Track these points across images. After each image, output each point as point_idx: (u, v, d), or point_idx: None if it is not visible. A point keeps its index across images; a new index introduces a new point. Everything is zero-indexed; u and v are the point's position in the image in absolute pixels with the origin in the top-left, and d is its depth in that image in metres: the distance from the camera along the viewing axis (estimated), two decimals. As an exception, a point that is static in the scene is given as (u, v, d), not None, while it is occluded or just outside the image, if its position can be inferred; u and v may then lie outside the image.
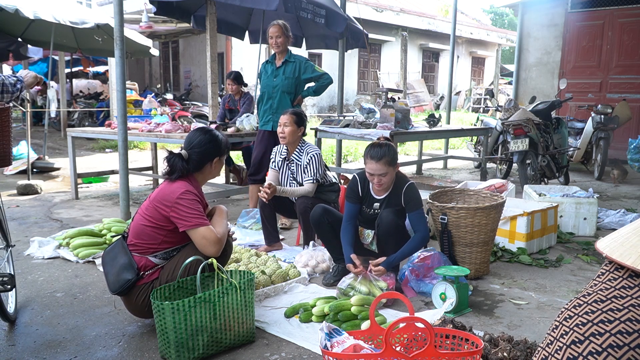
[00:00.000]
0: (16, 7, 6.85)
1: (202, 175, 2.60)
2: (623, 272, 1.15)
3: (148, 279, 2.42)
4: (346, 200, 3.20)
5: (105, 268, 2.50)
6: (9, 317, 2.56)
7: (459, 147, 10.97)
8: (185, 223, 2.38)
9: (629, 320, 1.06)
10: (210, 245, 2.39)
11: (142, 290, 2.41)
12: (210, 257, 2.39)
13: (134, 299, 2.42)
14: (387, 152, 2.99)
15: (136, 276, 2.38)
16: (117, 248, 2.52)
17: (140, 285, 2.41)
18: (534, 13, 9.66)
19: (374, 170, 2.99)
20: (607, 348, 1.05)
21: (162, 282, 2.41)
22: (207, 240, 2.38)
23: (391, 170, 3.03)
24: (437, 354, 1.78)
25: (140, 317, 2.55)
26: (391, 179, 3.08)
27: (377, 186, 3.08)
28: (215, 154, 2.59)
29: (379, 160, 2.97)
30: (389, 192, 3.16)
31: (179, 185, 2.45)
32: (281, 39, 4.56)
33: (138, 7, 13.67)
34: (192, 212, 2.37)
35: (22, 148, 7.48)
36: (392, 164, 3.01)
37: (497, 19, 36.79)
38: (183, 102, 14.33)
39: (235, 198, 5.91)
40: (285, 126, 3.81)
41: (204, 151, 2.56)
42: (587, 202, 4.37)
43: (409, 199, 3.08)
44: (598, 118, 7.04)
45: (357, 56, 18.78)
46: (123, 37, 4.28)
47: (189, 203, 2.39)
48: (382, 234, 3.06)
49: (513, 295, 3.06)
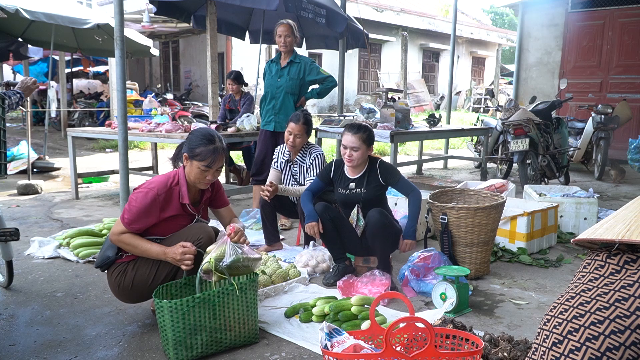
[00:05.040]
0: (16, 7, 6.85)
1: (187, 170, 2.56)
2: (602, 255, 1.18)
3: (126, 260, 2.52)
4: (316, 176, 3.41)
5: (102, 246, 2.66)
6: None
7: (459, 147, 10.96)
8: (125, 206, 2.51)
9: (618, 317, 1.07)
10: (110, 236, 2.51)
11: (118, 268, 2.52)
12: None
13: (110, 274, 2.54)
14: (364, 130, 3.19)
15: (115, 255, 2.52)
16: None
17: (118, 263, 2.52)
18: (534, 13, 9.66)
19: (347, 142, 3.16)
20: (606, 351, 1.06)
21: (138, 266, 2.50)
22: (112, 229, 2.48)
23: (364, 148, 3.16)
24: (438, 354, 1.78)
25: (115, 296, 2.61)
26: (362, 157, 3.19)
27: (347, 160, 3.19)
28: (185, 149, 2.55)
29: (354, 133, 3.15)
30: (363, 172, 3.27)
31: (152, 180, 2.55)
32: (290, 39, 4.55)
33: (138, 7, 13.68)
34: (128, 206, 2.46)
35: (23, 148, 7.47)
36: (365, 141, 3.16)
37: (497, 19, 36.78)
38: (183, 102, 14.32)
39: (235, 198, 5.91)
40: (297, 137, 3.80)
41: (180, 145, 2.66)
42: (587, 202, 4.37)
43: (386, 174, 3.24)
44: (598, 118, 7.04)
45: (358, 56, 18.77)
46: (123, 37, 4.28)
47: (134, 200, 2.45)
48: (372, 235, 3.10)
49: (513, 295, 3.06)
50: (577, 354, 1.09)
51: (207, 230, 2.52)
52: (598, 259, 1.20)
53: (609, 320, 1.07)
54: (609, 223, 1.18)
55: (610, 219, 1.20)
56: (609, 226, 1.17)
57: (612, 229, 1.15)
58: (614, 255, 1.16)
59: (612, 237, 1.12)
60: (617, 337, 1.05)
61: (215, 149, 2.51)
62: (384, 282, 2.97)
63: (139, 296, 2.56)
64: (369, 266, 3.33)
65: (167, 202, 2.49)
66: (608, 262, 1.17)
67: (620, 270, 1.13)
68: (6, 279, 3.07)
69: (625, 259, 1.14)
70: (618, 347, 1.04)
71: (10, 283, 3.08)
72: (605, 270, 1.16)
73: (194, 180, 2.55)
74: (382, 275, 3.02)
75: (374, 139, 3.30)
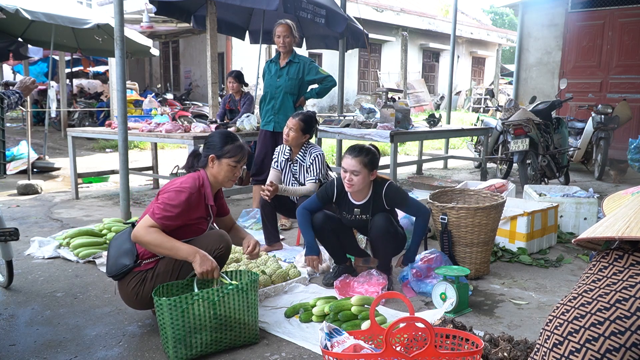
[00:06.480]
0: (16, 7, 6.85)
1: (210, 173, 2.60)
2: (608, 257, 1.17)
3: (144, 268, 2.45)
4: (315, 195, 3.20)
5: (109, 251, 2.56)
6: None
7: (459, 147, 10.96)
8: (149, 208, 2.45)
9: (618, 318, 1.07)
10: (135, 231, 2.39)
11: (135, 277, 2.45)
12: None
13: (126, 284, 2.46)
14: (366, 153, 2.97)
15: (134, 263, 2.43)
16: (125, 235, 2.56)
17: (136, 272, 2.45)
18: (534, 13, 9.65)
19: (347, 165, 2.96)
20: (606, 353, 1.06)
21: (157, 274, 2.44)
22: (138, 226, 2.39)
23: (365, 172, 2.95)
24: (438, 354, 1.78)
25: (129, 305, 2.56)
26: (363, 182, 2.98)
27: (347, 185, 3.00)
28: (209, 151, 2.60)
29: (355, 157, 2.94)
30: (368, 197, 3.09)
31: (183, 180, 2.51)
32: (289, 39, 4.54)
33: (138, 7, 13.66)
34: (162, 204, 2.40)
35: (23, 148, 7.48)
36: (367, 165, 2.95)
37: (497, 19, 36.78)
38: (183, 102, 14.32)
39: (235, 198, 5.91)
40: (291, 131, 3.80)
41: (204, 147, 2.67)
42: (587, 202, 4.37)
43: (392, 200, 3.06)
44: (598, 118, 7.04)
45: (358, 56, 18.77)
46: (123, 37, 4.28)
47: (169, 197, 2.42)
48: (374, 239, 3.08)
49: (513, 295, 3.06)
50: (577, 355, 1.08)
51: (226, 239, 2.56)
52: (604, 260, 1.19)
53: (609, 321, 1.07)
54: (609, 221, 1.18)
55: (610, 217, 1.20)
56: (608, 224, 1.17)
57: (611, 226, 1.15)
58: (620, 258, 1.16)
59: (611, 234, 1.12)
60: (617, 339, 1.04)
61: (241, 145, 2.63)
62: (380, 282, 2.97)
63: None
64: (369, 266, 3.32)
65: (197, 203, 2.51)
66: (613, 264, 1.16)
67: (623, 271, 1.13)
68: (6, 279, 3.07)
69: (631, 261, 1.14)
70: (618, 348, 1.04)
71: (10, 283, 3.08)
72: (609, 271, 1.16)
73: (223, 179, 2.60)
74: (379, 275, 3.02)
75: (378, 162, 3.07)
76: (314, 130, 3.94)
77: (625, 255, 1.15)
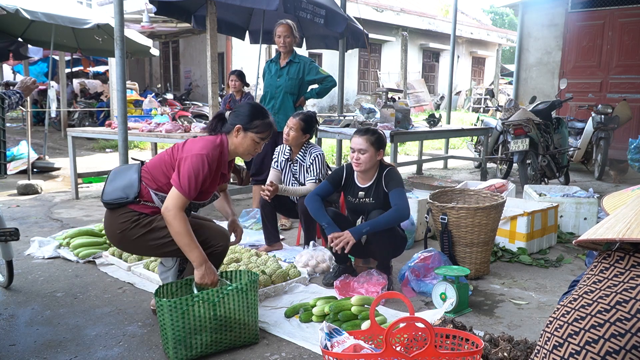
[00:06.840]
0: (16, 7, 6.85)
1: (231, 141, 2.53)
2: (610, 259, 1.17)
3: (140, 209, 2.41)
4: (325, 179, 3.28)
5: (109, 177, 2.50)
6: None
7: (459, 147, 10.97)
8: (175, 178, 2.35)
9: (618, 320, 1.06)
10: (167, 207, 2.30)
11: (128, 213, 2.39)
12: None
13: (117, 215, 2.40)
14: (373, 132, 3.09)
15: (133, 199, 2.37)
16: (132, 168, 2.50)
17: (130, 209, 2.40)
18: (534, 13, 9.65)
19: (355, 144, 3.06)
20: (606, 355, 1.05)
21: (152, 227, 2.38)
22: (171, 201, 2.30)
23: (372, 150, 3.05)
24: (437, 354, 1.78)
25: (108, 238, 2.51)
26: (370, 161, 3.07)
27: (355, 164, 3.08)
28: (237, 120, 2.51)
29: (362, 135, 3.06)
30: (373, 180, 3.17)
31: (203, 145, 2.41)
32: (289, 39, 4.55)
33: (138, 7, 13.67)
34: (187, 173, 2.32)
35: (23, 148, 7.48)
36: (374, 144, 3.05)
37: (497, 19, 36.77)
38: (183, 102, 14.32)
39: (235, 198, 5.91)
40: (291, 130, 3.80)
41: (233, 115, 2.56)
42: (587, 202, 4.37)
43: (388, 180, 3.12)
44: (598, 118, 7.04)
45: (358, 56, 18.77)
46: (123, 37, 4.28)
47: (192, 166, 2.33)
48: (372, 237, 3.05)
49: (513, 295, 3.06)
50: (577, 357, 1.08)
51: (226, 239, 2.57)
52: (605, 262, 1.19)
53: (610, 323, 1.06)
54: (610, 222, 1.17)
55: (611, 218, 1.20)
56: (609, 225, 1.16)
57: (612, 228, 1.14)
58: (621, 259, 1.16)
59: (612, 236, 1.11)
60: (617, 341, 1.04)
61: (270, 123, 2.56)
62: (380, 282, 2.97)
63: (135, 249, 2.50)
64: (369, 266, 3.32)
65: (215, 171, 2.45)
66: (615, 266, 1.16)
67: (624, 273, 1.12)
68: (6, 279, 3.07)
69: (632, 262, 1.13)
70: (618, 350, 1.03)
71: (10, 283, 3.08)
72: (610, 273, 1.15)
73: (244, 152, 2.53)
74: (379, 275, 3.02)
75: (385, 143, 3.16)
76: (314, 130, 3.94)
77: (626, 257, 1.15)
